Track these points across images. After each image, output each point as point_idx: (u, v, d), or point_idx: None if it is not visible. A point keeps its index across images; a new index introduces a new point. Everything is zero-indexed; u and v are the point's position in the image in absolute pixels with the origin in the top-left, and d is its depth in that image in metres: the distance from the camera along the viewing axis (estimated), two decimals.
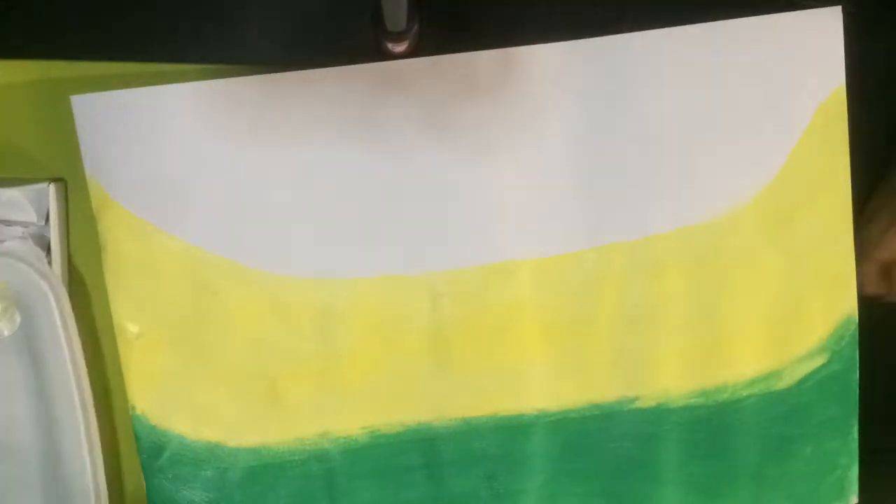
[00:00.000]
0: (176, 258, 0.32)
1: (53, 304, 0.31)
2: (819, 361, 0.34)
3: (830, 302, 0.33)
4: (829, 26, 0.31)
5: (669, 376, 0.34)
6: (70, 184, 0.33)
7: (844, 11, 0.31)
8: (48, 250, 0.32)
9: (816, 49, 0.32)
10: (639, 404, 0.34)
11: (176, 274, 0.32)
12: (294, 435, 0.34)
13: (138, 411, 0.33)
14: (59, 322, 0.32)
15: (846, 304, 0.34)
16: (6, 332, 0.32)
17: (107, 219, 0.32)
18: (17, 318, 0.32)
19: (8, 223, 0.32)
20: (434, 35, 0.31)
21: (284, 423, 0.34)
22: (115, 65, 0.32)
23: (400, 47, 0.31)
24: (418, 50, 0.31)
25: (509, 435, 0.34)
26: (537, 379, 0.34)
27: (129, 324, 0.33)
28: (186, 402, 0.33)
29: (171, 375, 0.33)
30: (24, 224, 0.32)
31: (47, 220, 0.32)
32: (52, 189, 0.32)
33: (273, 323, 0.33)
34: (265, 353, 0.33)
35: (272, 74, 0.31)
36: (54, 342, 0.32)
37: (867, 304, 0.34)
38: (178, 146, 0.32)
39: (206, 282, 0.32)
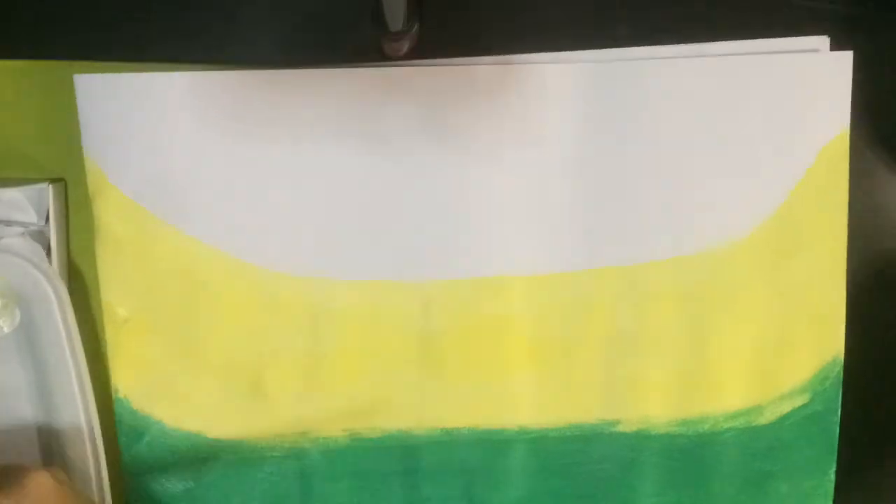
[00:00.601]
0: (169, 246, 0.32)
1: (54, 301, 0.31)
2: (801, 401, 0.34)
3: (818, 342, 0.34)
4: (838, 70, 0.31)
5: (652, 403, 0.34)
6: (70, 184, 0.33)
7: (844, 11, 0.31)
8: (48, 250, 0.32)
9: (824, 92, 0.32)
10: (620, 428, 0.34)
11: (168, 262, 0.32)
12: (275, 431, 0.34)
13: (121, 394, 0.33)
14: (59, 319, 0.31)
15: (833, 346, 0.34)
16: (6, 329, 0.31)
17: (102, 201, 0.32)
18: (18, 315, 0.32)
19: (8, 223, 0.32)
20: (434, 35, 0.31)
21: (266, 419, 0.34)
22: (115, 65, 0.31)
23: (400, 47, 0.30)
24: (418, 50, 0.31)
25: (489, 449, 0.34)
26: (521, 395, 0.34)
27: (118, 307, 0.33)
28: (170, 390, 0.33)
29: (157, 362, 0.33)
30: (24, 224, 0.32)
31: (47, 219, 0.32)
32: (51, 189, 0.32)
33: (263, 318, 0.33)
34: (252, 347, 0.33)
35: (273, 70, 0.31)
36: (55, 339, 0.31)
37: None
38: (179, 136, 0.31)
39: (198, 272, 0.32)
